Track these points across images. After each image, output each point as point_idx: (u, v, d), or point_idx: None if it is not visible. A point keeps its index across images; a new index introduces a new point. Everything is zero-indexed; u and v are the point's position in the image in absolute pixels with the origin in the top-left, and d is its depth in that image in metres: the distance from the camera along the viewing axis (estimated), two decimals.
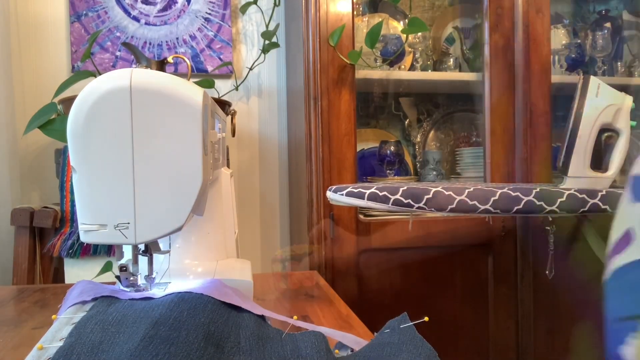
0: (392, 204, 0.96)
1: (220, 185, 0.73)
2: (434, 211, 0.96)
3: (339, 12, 1.32)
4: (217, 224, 0.71)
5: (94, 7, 1.55)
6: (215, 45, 1.63)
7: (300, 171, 1.46)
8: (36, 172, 1.54)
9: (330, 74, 1.32)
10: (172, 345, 0.41)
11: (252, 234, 1.72)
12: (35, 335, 0.56)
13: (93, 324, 0.46)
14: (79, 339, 0.43)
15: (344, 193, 0.99)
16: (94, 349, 0.42)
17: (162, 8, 1.60)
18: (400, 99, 1.79)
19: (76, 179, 0.47)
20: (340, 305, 0.71)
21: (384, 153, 1.58)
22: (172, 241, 0.65)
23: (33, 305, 0.70)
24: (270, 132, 1.72)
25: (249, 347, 0.45)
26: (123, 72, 0.47)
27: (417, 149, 1.80)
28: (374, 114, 1.78)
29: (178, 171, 0.48)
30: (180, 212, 0.49)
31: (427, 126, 1.82)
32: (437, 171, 1.68)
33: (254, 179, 1.72)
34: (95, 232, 0.48)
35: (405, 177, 1.66)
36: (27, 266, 1.26)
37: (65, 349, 0.42)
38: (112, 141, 0.47)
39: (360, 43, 1.42)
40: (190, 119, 0.48)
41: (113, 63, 1.56)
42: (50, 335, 0.47)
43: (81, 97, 0.47)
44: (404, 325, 0.51)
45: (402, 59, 1.56)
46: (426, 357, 0.46)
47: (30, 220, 1.27)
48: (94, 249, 1.26)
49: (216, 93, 1.60)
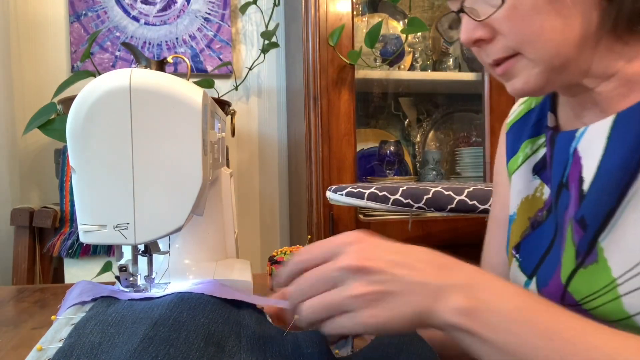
0: (392, 204, 0.96)
1: (220, 185, 0.73)
2: (433, 211, 0.96)
3: (339, 12, 1.32)
4: (216, 224, 0.71)
5: (94, 7, 1.55)
6: (214, 45, 1.63)
7: (300, 171, 1.46)
8: (36, 172, 1.54)
9: (330, 74, 1.32)
10: (171, 346, 0.41)
11: (252, 234, 1.72)
12: (35, 335, 0.56)
13: (92, 325, 0.46)
14: (78, 340, 0.43)
15: (343, 193, 0.99)
16: (93, 350, 0.42)
17: (161, 8, 1.60)
18: (400, 98, 1.79)
19: (76, 179, 0.47)
20: None
21: (384, 153, 1.58)
22: (172, 241, 0.65)
23: (33, 305, 0.70)
24: (270, 132, 1.72)
25: (250, 346, 0.45)
26: (123, 72, 0.47)
27: (417, 149, 1.80)
28: (373, 113, 1.78)
29: (178, 171, 0.48)
30: (180, 212, 0.49)
31: (426, 126, 1.82)
32: (436, 171, 1.68)
33: (254, 179, 1.72)
34: (95, 233, 0.48)
35: (405, 177, 1.66)
36: (26, 266, 1.26)
37: (64, 350, 0.42)
38: (112, 141, 0.47)
39: (360, 43, 1.42)
40: (190, 119, 0.48)
41: (113, 63, 1.56)
42: (49, 336, 0.47)
43: (81, 97, 0.47)
44: None
45: (401, 59, 1.56)
46: (427, 359, 0.46)
47: (30, 220, 1.27)
48: (93, 249, 1.26)
49: (216, 93, 1.60)
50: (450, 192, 0.95)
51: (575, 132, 0.53)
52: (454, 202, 0.94)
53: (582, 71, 0.50)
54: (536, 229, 0.59)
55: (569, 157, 0.53)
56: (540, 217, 0.59)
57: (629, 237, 0.46)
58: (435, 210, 0.95)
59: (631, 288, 0.46)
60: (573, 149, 0.53)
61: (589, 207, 0.50)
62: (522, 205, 0.62)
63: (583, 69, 0.49)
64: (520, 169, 0.63)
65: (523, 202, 0.62)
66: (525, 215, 0.61)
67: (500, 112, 1.44)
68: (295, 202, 1.60)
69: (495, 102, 1.45)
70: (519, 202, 0.62)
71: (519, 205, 0.62)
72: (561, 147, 0.55)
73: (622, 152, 0.47)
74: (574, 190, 0.52)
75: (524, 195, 0.62)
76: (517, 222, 0.62)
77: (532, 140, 0.62)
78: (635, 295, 0.46)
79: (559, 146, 0.56)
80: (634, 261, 0.46)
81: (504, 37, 0.49)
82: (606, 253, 0.48)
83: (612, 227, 0.48)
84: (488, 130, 1.45)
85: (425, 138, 1.81)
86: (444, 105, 1.83)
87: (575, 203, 0.52)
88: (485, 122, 1.46)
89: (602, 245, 0.49)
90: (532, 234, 0.59)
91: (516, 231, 0.62)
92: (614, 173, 0.47)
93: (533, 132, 0.62)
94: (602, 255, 0.49)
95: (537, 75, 0.49)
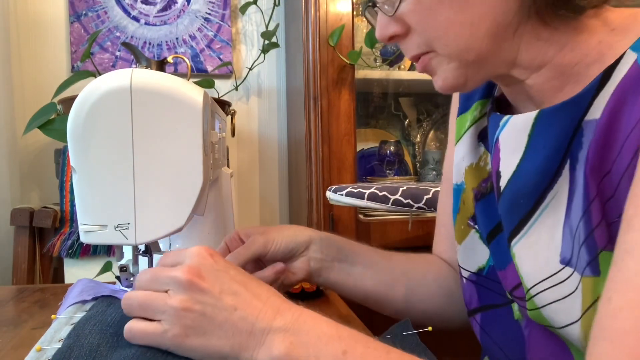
0: (392, 204, 0.96)
1: (221, 185, 0.73)
2: (433, 211, 0.96)
3: (339, 12, 1.32)
4: (217, 224, 0.71)
5: (94, 7, 1.55)
6: (215, 45, 1.63)
7: (300, 171, 1.46)
8: (36, 172, 1.54)
9: (330, 74, 1.32)
10: (169, 353, 0.41)
11: None
12: (35, 335, 0.56)
13: (92, 325, 0.46)
14: (77, 341, 0.43)
15: (343, 193, 0.99)
16: (91, 352, 0.42)
17: (161, 8, 1.60)
18: (400, 98, 1.79)
19: (76, 179, 0.47)
20: (340, 305, 0.71)
21: (384, 153, 1.58)
22: (172, 241, 0.65)
23: (33, 305, 0.70)
24: (270, 132, 1.72)
25: None
26: (123, 72, 0.47)
27: (417, 149, 1.80)
28: (373, 113, 1.78)
29: (178, 171, 0.48)
30: (181, 213, 0.49)
31: (426, 126, 1.82)
32: (436, 171, 1.68)
33: (254, 179, 1.72)
34: (95, 233, 0.48)
35: (405, 177, 1.66)
36: (26, 266, 1.26)
37: (63, 352, 0.42)
38: (112, 141, 0.47)
39: (360, 43, 1.42)
40: (191, 119, 0.48)
41: (113, 63, 1.56)
42: (49, 336, 0.47)
43: (81, 97, 0.47)
44: (407, 333, 0.52)
45: (402, 59, 1.56)
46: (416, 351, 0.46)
47: (30, 220, 1.27)
48: (93, 249, 1.26)
49: (216, 93, 1.59)
50: None
51: (502, 117, 0.48)
52: None
53: (508, 62, 0.45)
54: (480, 200, 0.54)
55: (493, 143, 0.50)
56: (484, 188, 0.54)
57: (542, 244, 0.43)
58: (435, 210, 0.95)
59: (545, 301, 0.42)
60: (496, 137, 0.49)
61: (505, 207, 0.47)
62: (466, 173, 0.57)
63: (508, 60, 0.45)
64: (467, 133, 0.58)
65: (467, 170, 0.57)
66: (470, 186, 0.57)
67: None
68: (295, 202, 1.60)
69: None
70: (463, 170, 0.58)
71: (464, 173, 0.58)
72: (492, 128, 0.50)
73: (544, 153, 0.43)
74: (495, 183, 0.49)
75: (468, 163, 0.57)
76: (467, 192, 0.57)
77: (482, 102, 0.57)
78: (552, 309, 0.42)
79: (490, 125, 0.51)
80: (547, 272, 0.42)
81: (416, 33, 0.45)
82: (517, 259, 0.45)
83: (526, 232, 0.44)
84: None
85: (425, 138, 1.81)
86: (444, 105, 1.83)
87: (497, 197, 0.49)
88: None
89: (514, 250, 0.45)
90: (479, 205, 0.55)
91: (469, 201, 0.57)
92: (533, 175, 0.44)
93: (486, 92, 0.57)
94: (515, 259, 0.45)
95: (454, 71, 0.45)
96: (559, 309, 0.41)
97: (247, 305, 0.39)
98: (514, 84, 0.48)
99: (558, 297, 0.41)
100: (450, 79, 0.46)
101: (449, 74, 0.46)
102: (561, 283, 0.41)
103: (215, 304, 0.39)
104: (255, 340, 0.38)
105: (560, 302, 0.41)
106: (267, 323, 0.38)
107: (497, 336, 0.53)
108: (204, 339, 0.38)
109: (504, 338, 0.52)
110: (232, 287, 0.40)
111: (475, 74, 0.46)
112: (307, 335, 0.38)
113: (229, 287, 0.40)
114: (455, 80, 0.46)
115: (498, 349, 0.52)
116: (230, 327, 0.38)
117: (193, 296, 0.39)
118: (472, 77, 0.46)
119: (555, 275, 0.41)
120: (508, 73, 0.46)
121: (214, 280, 0.40)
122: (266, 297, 0.41)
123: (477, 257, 0.55)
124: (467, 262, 0.57)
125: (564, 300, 0.40)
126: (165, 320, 0.39)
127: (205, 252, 0.42)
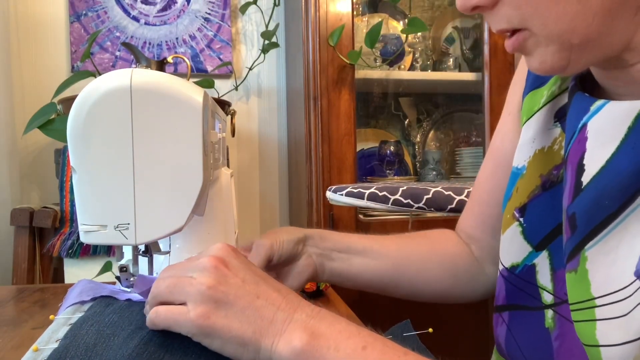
0: (392, 204, 0.96)
1: (221, 185, 0.73)
2: (433, 211, 0.96)
3: (339, 12, 1.32)
4: (217, 224, 0.71)
5: (94, 7, 1.55)
6: (215, 45, 1.63)
7: (300, 171, 1.46)
8: (36, 172, 1.54)
9: (330, 74, 1.32)
10: (167, 352, 0.41)
11: (252, 234, 1.72)
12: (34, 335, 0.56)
13: (89, 326, 0.45)
14: (73, 341, 0.43)
15: (343, 193, 0.99)
16: (87, 352, 0.42)
17: (161, 8, 1.60)
18: (400, 98, 1.79)
19: (76, 179, 0.47)
20: (340, 305, 0.71)
21: (384, 153, 1.58)
22: (172, 242, 0.65)
23: (33, 305, 0.70)
24: (270, 132, 1.72)
25: None
26: (123, 72, 0.47)
27: (417, 148, 1.80)
28: (373, 113, 1.78)
29: (178, 171, 0.48)
30: (181, 213, 0.49)
31: (426, 126, 1.82)
32: (436, 171, 1.68)
33: (254, 179, 1.72)
34: (95, 233, 0.48)
35: (405, 177, 1.66)
36: (26, 266, 1.26)
37: (59, 352, 0.42)
38: (112, 141, 0.47)
39: (360, 43, 1.42)
40: (191, 119, 0.48)
41: (113, 63, 1.56)
42: (46, 337, 0.47)
43: (81, 97, 0.46)
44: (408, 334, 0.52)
45: (401, 59, 1.56)
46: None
47: (29, 220, 1.27)
48: (93, 249, 1.26)
49: (216, 93, 1.60)
50: (450, 192, 0.95)
51: (593, 101, 0.41)
52: (454, 202, 0.94)
53: (621, 44, 0.37)
54: (548, 189, 0.47)
55: (576, 129, 0.42)
56: (554, 176, 0.47)
57: (621, 252, 0.37)
58: (435, 210, 0.95)
59: (608, 315, 0.37)
60: (583, 123, 0.41)
61: (584, 206, 0.40)
62: (535, 157, 0.50)
63: (622, 41, 0.37)
64: (540, 111, 0.50)
65: (537, 154, 0.50)
66: (537, 172, 0.49)
67: (500, 112, 1.43)
68: (295, 202, 1.60)
69: (495, 102, 1.45)
70: (532, 153, 0.50)
71: (531, 157, 0.50)
72: (575, 111, 0.43)
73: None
74: (570, 175, 0.42)
75: (539, 147, 0.49)
76: (526, 178, 0.50)
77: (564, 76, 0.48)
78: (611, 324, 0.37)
79: (574, 106, 0.43)
80: (619, 283, 0.37)
81: (506, 4, 0.38)
82: (589, 264, 0.40)
83: (604, 236, 0.39)
84: (488, 131, 1.45)
85: (425, 138, 1.81)
86: (444, 105, 1.83)
87: (570, 192, 0.42)
88: (485, 122, 1.46)
89: (586, 254, 0.40)
90: (543, 196, 0.48)
91: (523, 189, 0.50)
92: (625, 175, 0.37)
93: None
94: (583, 265, 0.40)
95: (554, 54, 0.38)
96: (616, 325, 0.37)
97: (269, 295, 0.40)
98: (619, 67, 0.40)
99: (618, 314, 0.37)
100: (549, 62, 0.39)
101: (549, 58, 0.39)
102: (627, 298, 0.36)
103: (239, 289, 0.40)
104: (277, 329, 0.38)
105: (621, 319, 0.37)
106: (289, 314, 0.39)
107: (522, 341, 0.49)
108: (227, 320, 0.38)
109: (530, 345, 0.48)
110: (254, 278, 0.41)
111: (579, 57, 0.38)
112: (328, 329, 0.38)
113: (251, 278, 0.41)
114: (555, 64, 0.39)
115: (521, 355, 0.49)
116: (253, 312, 0.39)
117: (218, 279, 0.40)
118: (576, 61, 0.39)
119: (625, 288, 0.37)
120: (618, 56, 0.39)
121: (237, 270, 0.41)
122: (286, 292, 0.41)
123: (513, 253, 0.51)
124: (503, 255, 0.53)
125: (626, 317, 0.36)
126: (190, 301, 0.40)
127: (229, 247, 0.43)
